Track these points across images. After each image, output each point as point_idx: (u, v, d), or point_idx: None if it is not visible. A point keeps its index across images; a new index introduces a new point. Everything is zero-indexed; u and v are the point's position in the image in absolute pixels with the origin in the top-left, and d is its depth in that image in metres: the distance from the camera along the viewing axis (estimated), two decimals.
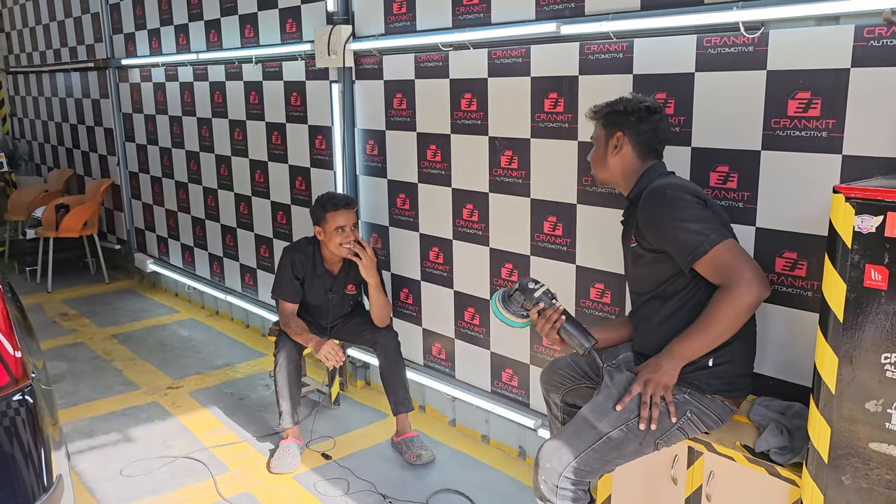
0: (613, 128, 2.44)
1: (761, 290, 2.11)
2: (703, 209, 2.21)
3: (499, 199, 3.42)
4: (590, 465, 2.24)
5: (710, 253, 2.14)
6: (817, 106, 2.36)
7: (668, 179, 2.36)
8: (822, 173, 2.36)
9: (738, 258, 2.13)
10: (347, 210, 3.57)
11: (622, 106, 2.44)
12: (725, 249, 2.14)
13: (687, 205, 2.21)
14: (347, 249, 3.58)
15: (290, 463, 3.46)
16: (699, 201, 2.23)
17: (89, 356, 4.98)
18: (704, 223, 2.17)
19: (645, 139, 2.42)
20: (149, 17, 5.88)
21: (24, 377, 1.92)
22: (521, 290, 2.43)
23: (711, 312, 2.16)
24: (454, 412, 3.90)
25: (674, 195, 2.23)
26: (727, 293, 2.12)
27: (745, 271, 2.10)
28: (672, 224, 2.21)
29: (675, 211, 2.21)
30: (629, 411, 2.25)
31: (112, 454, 3.64)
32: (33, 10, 8.02)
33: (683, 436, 2.30)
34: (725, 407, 2.31)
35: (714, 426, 2.31)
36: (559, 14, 3.02)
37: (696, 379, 2.27)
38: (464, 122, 3.52)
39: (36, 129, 8.67)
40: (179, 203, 6.03)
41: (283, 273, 3.71)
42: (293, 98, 4.59)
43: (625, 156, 2.42)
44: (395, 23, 3.77)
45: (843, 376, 1.88)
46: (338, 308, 3.81)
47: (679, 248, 2.20)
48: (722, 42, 2.56)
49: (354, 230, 3.61)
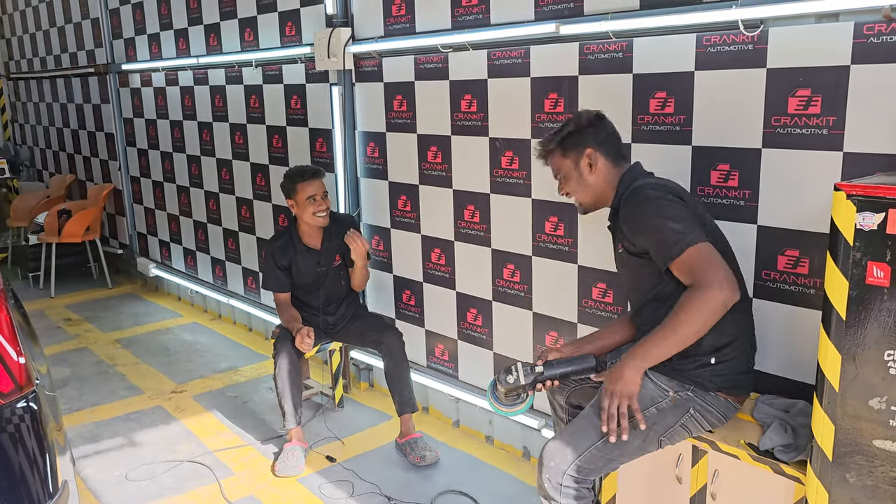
0: (577, 149, 2.39)
1: (731, 293, 2.09)
2: (683, 208, 2.20)
3: (500, 199, 3.43)
4: (593, 464, 2.24)
5: (685, 252, 2.12)
6: (818, 103, 2.36)
7: (648, 179, 2.36)
8: (823, 171, 2.36)
9: (712, 260, 2.11)
10: (315, 179, 3.65)
11: (573, 125, 2.41)
12: (700, 251, 2.12)
13: (666, 203, 2.20)
14: (321, 218, 3.66)
15: (294, 466, 3.46)
16: (679, 200, 2.22)
17: (93, 361, 4.98)
18: (683, 223, 2.15)
19: (610, 144, 2.41)
20: (148, 22, 5.89)
21: (28, 383, 1.92)
22: (504, 385, 2.40)
23: (681, 313, 2.11)
24: (458, 413, 3.90)
25: (654, 194, 2.23)
26: (698, 293, 2.09)
27: (716, 273, 2.09)
28: (652, 223, 2.20)
29: (654, 209, 2.20)
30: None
31: (117, 459, 3.65)
32: (33, 17, 8.03)
33: (687, 433, 2.30)
34: (728, 404, 2.30)
35: (718, 424, 2.31)
36: (558, 14, 3.02)
37: (699, 376, 2.26)
38: (464, 123, 3.52)
39: (37, 135, 8.68)
40: (181, 207, 6.03)
41: (267, 266, 3.83)
42: (293, 101, 4.59)
43: (602, 169, 2.39)
44: (394, 25, 3.77)
45: (846, 374, 1.88)
46: (331, 286, 3.83)
47: (657, 246, 2.19)
48: (721, 40, 2.56)
49: (325, 198, 3.68)
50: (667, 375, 2.28)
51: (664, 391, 2.27)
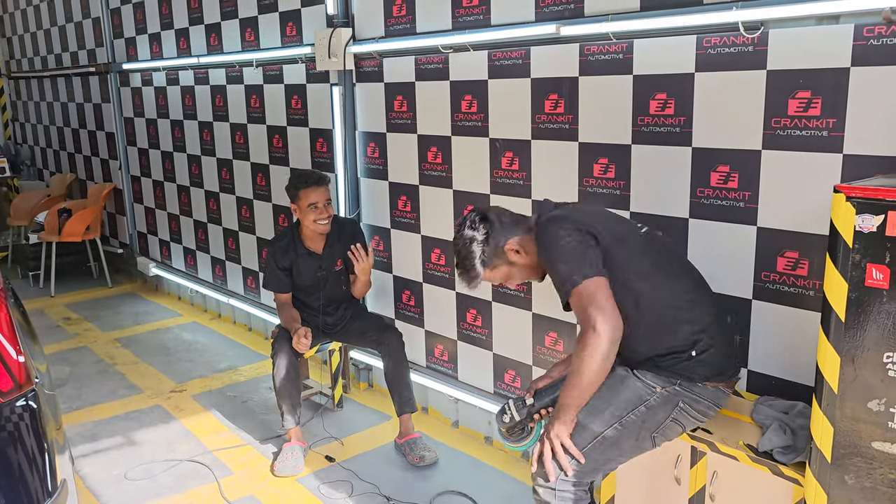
0: (499, 253, 2.40)
1: (609, 332, 2.10)
2: (577, 244, 2.20)
3: (500, 200, 3.42)
4: (588, 466, 2.24)
5: (571, 295, 2.17)
6: (817, 105, 2.36)
7: (543, 221, 2.34)
8: (822, 172, 2.36)
9: (590, 303, 2.13)
10: (319, 186, 3.62)
11: (480, 243, 2.39)
12: (579, 294, 2.14)
13: (560, 241, 2.22)
14: (323, 225, 3.64)
15: (293, 466, 3.46)
16: (576, 231, 2.22)
17: (92, 360, 4.99)
18: (571, 263, 2.18)
19: (510, 224, 2.42)
20: (149, 22, 5.89)
21: (27, 382, 1.92)
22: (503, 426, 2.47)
23: (576, 363, 2.17)
24: (457, 413, 3.90)
25: (551, 233, 2.25)
26: (583, 340, 2.15)
27: (592, 315, 2.11)
28: (547, 264, 2.28)
29: (548, 251, 2.25)
30: (621, 408, 2.24)
31: (116, 458, 3.65)
32: (34, 16, 8.03)
33: (680, 427, 2.29)
34: (718, 391, 2.29)
35: (710, 412, 2.30)
36: (559, 15, 3.03)
37: (684, 370, 2.25)
38: (464, 123, 3.52)
39: (38, 134, 8.68)
40: (181, 207, 6.04)
41: (268, 267, 3.82)
42: (294, 101, 4.60)
43: (527, 244, 2.39)
44: (395, 25, 3.77)
45: (845, 376, 1.88)
46: (332, 288, 3.82)
47: (556, 286, 2.25)
48: (722, 42, 2.56)
49: (328, 206, 3.65)
50: (653, 372, 2.28)
51: (651, 388, 2.26)
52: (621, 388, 2.28)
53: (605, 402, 2.25)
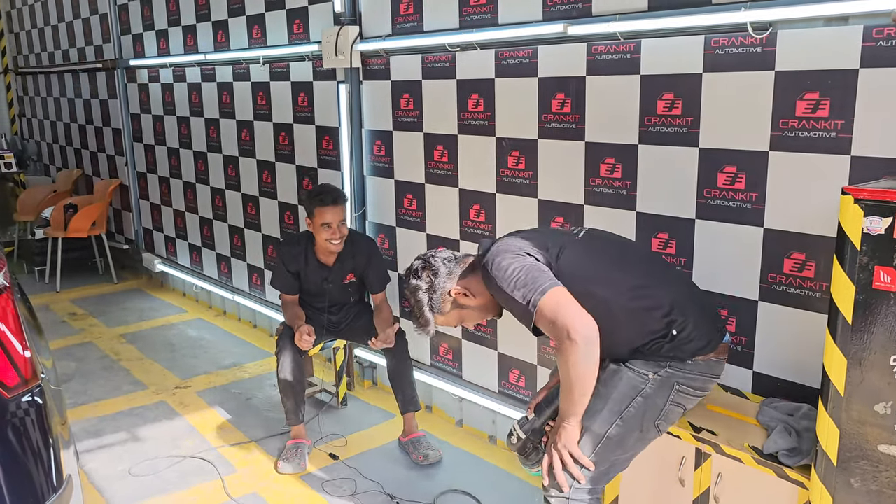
0: (446, 299, 2.41)
1: (586, 334, 2.09)
2: (522, 268, 2.20)
3: (506, 199, 3.42)
4: (600, 470, 2.22)
5: (535, 316, 2.14)
6: (826, 107, 2.35)
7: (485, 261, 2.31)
8: (830, 174, 2.35)
9: (556, 314, 2.11)
10: (335, 206, 3.54)
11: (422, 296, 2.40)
12: (541, 311, 2.13)
13: (507, 272, 2.20)
14: (335, 245, 3.59)
15: (297, 463, 3.47)
16: (518, 258, 2.22)
17: (97, 356, 5.00)
18: (525, 287, 2.16)
19: (454, 271, 2.41)
20: (157, 18, 5.90)
21: (33, 378, 1.93)
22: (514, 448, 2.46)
23: (562, 375, 2.18)
24: (461, 412, 3.90)
25: (496, 267, 2.23)
26: (559, 355, 2.15)
27: (562, 328, 2.10)
28: (503, 299, 2.25)
29: (499, 285, 2.22)
30: (619, 403, 2.23)
31: (120, 454, 3.66)
32: (42, 12, 8.05)
33: (681, 409, 2.28)
34: (710, 363, 2.27)
35: (708, 386, 2.29)
36: (566, 15, 3.02)
37: (671, 351, 2.22)
38: (471, 122, 3.52)
39: (45, 130, 8.71)
40: (187, 203, 6.04)
41: (278, 267, 3.78)
42: (300, 98, 4.60)
43: (473, 285, 2.39)
44: (402, 23, 3.77)
45: (851, 378, 1.88)
46: (338, 295, 3.82)
47: (519, 318, 2.24)
48: (730, 42, 2.56)
49: (342, 226, 3.59)
50: (642, 359, 2.26)
51: (644, 376, 2.24)
52: (615, 382, 2.26)
53: (602, 400, 2.23)
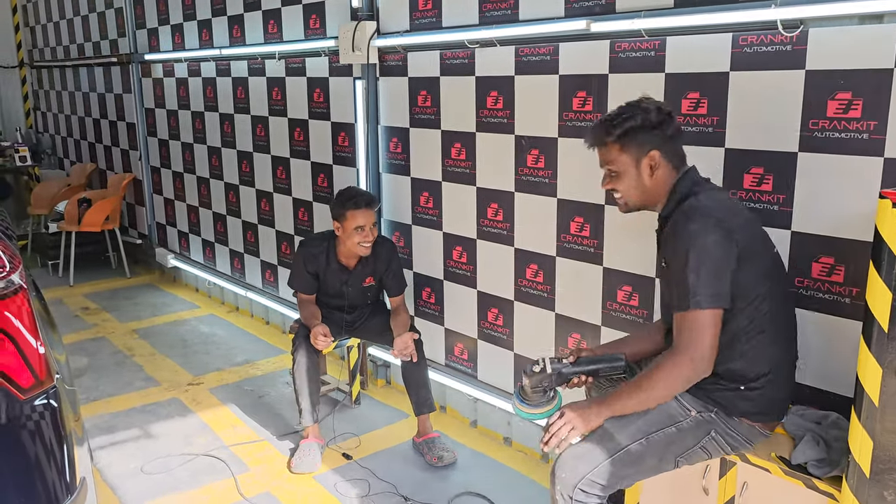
0: (640, 148, 2.19)
1: (699, 372, 2.06)
2: (716, 257, 2.04)
3: (524, 198, 3.37)
4: (605, 479, 2.16)
5: (688, 311, 2.05)
6: (858, 107, 2.29)
7: (703, 199, 2.15)
8: (861, 176, 2.29)
9: (702, 332, 2.04)
10: (368, 209, 3.53)
11: (639, 120, 2.18)
12: (698, 318, 2.04)
13: (703, 246, 2.04)
14: (365, 248, 3.56)
15: (310, 463, 3.43)
16: (722, 241, 2.04)
17: (110, 351, 4.99)
18: (702, 278, 2.03)
19: (675, 148, 2.23)
20: (172, 12, 5.87)
21: (48, 378, 1.89)
22: (529, 376, 2.29)
23: (650, 374, 2.12)
24: (476, 413, 3.85)
25: (697, 230, 2.06)
26: (670, 360, 2.08)
27: (698, 348, 2.04)
28: (680, 263, 2.08)
29: (687, 250, 2.05)
30: (651, 424, 2.17)
31: (133, 451, 3.64)
32: (57, 5, 8.05)
33: (706, 455, 2.22)
34: (754, 429, 2.20)
35: (740, 448, 2.22)
36: (589, 11, 2.96)
37: (725, 399, 2.17)
38: (489, 120, 3.47)
39: (59, 124, 8.71)
40: (201, 199, 6.02)
41: (297, 267, 3.73)
42: (316, 94, 4.56)
43: (662, 174, 2.21)
44: (420, 19, 3.72)
45: (887, 388, 1.82)
46: (356, 297, 3.79)
47: (674, 289, 2.13)
48: (759, 41, 2.49)
49: (374, 229, 3.57)
50: (691, 393, 2.19)
51: (686, 410, 2.19)
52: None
53: (637, 414, 2.18)
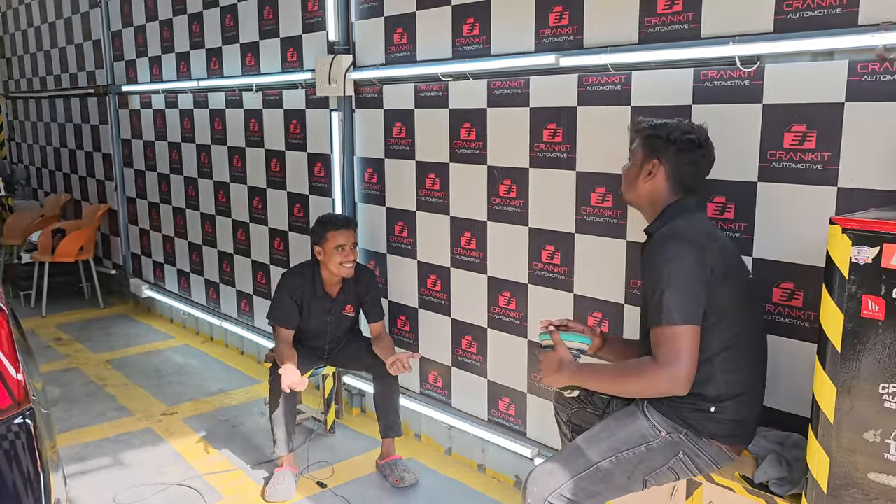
0: (652, 152, 2.32)
1: (677, 391, 2.10)
2: (693, 281, 2.10)
3: (497, 227, 3.45)
4: (575, 494, 2.22)
5: (665, 326, 2.09)
6: (812, 139, 2.40)
7: (684, 224, 2.24)
8: (817, 205, 2.39)
9: (681, 349, 2.08)
10: (347, 229, 3.61)
11: (665, 132, 2.30)
12: (677, 334, 2.08)
13: (678, 268, 2.10)
14: (348, 269, 3.60)
15: (284, 491, 3.43)
16: (699, 268, 2.11)
17: (83, 381, 4.94)
18: (678, 296, 2.08)
19: (682, 174, 2.30)
20: (150, 45, 5.94)
21: (25, 400, 1.91)
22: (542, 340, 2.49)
23: (628, 370, 2.21)
24: (450, 441, 3.88)
25: (674, 250, 2.13)
26: (650, 367, 2.12)
27: (677, 364, 2.07)
28: (654, 280, 2.14)
29: (665, 269, 2.12)
30: (621, 442, 2.23)
31: (105, 480, 3.61)
32: (35, 37, 8.08)
33: (674, 476, 2.26)
34: (722, 452, 2.24)
35: (707, 469, 2.26)
36: (558, 46, 3.07)
37: (694, 420, 2.20)
38: (463, 151, 3.55)
39: (34, 154, 8.69)
40: (177, 229, 6.03)
41: (281, 298, 3.68)
42: (293, 126, 4.63)
43: (656, 185, 2.32)
44: (395, 53, 3.82)
45: (841, 406, 1.89)
46: (336, 329, 3.81)
47: (649, 305, 2.17)
48: (719, 75, 2.61)
49: (354, 249, 3.63)
50: (661, 413, 2.23)
51: (657, 430, 2.23)
52: (627, 423, 2.26)
53: (608, 432, 2.25)
